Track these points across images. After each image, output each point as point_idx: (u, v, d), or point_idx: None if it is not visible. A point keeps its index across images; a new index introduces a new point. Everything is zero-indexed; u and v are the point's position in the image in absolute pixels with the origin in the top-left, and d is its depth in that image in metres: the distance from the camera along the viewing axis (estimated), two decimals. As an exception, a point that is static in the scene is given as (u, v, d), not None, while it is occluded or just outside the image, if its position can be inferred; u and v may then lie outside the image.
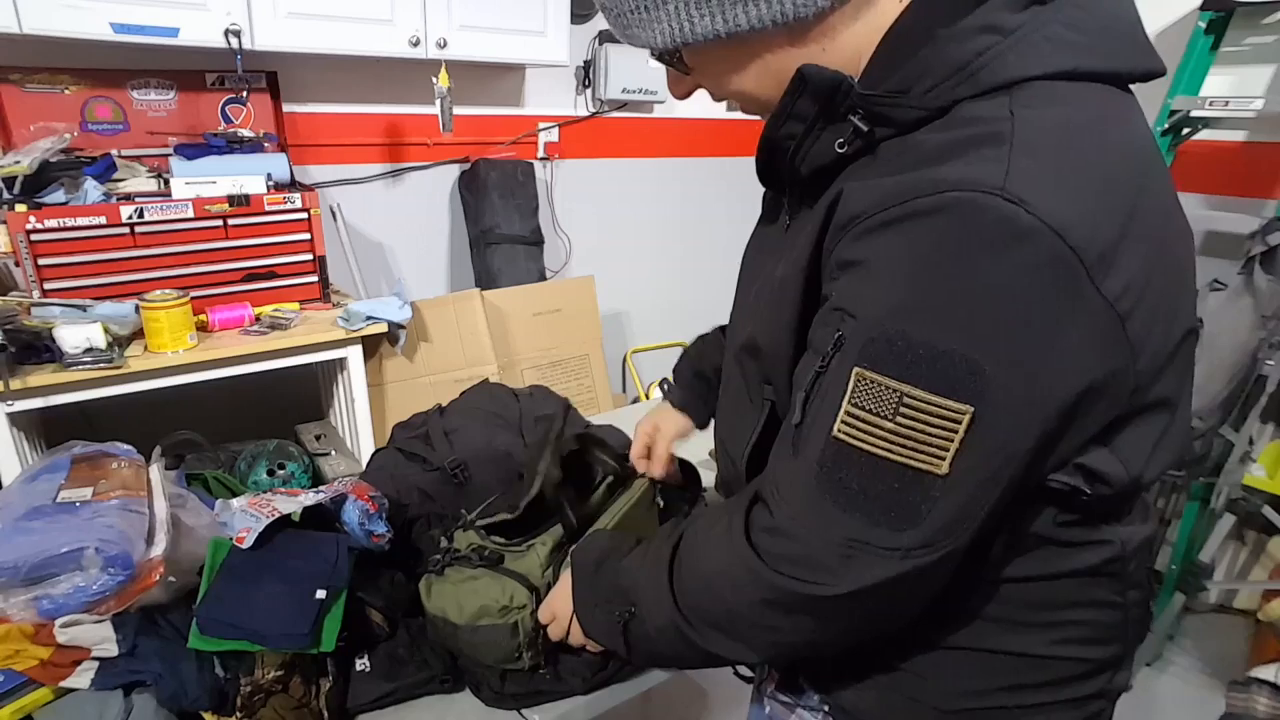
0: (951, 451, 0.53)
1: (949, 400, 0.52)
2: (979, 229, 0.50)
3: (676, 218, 3.45)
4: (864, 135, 0.58)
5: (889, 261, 0.53)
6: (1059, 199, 0.50)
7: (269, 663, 0.98)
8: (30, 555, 0.93)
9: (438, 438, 1.45)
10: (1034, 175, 0.50)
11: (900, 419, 0.53)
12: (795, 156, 0.63)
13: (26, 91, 2.00)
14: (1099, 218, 0.51)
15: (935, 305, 0.51)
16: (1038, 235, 0.49)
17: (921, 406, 0.52)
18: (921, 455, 0.53)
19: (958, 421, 0.52)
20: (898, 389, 0.53)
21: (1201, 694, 2.25)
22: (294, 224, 2.05)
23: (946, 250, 0.51)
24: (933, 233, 0.51)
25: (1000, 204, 0.49)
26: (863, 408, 0.54)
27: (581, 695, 1.07)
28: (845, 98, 0.57)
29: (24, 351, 1.66)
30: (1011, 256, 0.49)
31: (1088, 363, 0.53)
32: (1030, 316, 0.50)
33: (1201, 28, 2.34)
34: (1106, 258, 0.51)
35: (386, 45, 2.19)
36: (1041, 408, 0.53)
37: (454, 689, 1.07)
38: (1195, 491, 2.25)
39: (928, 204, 0.51)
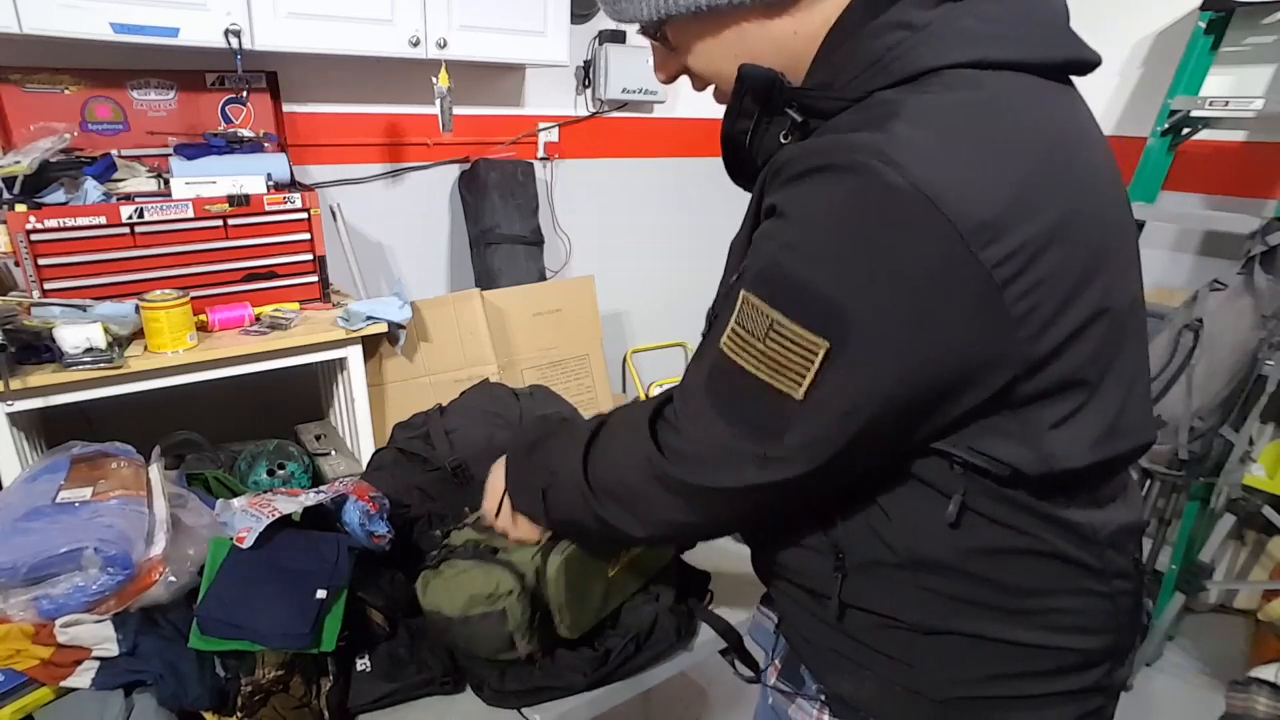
0: (808, 379, 0.58)
1: (808, 332, 0.57)
2: (859, 188, 0.55)
3: (676, 217, 3.45)
4: (800, 126, 0.65)
5: (789, 204, 0.59)
6: (936, 166, 0.54)
7: (269, 662, 0.98)
8: (30, 555, 0.93)
9: (438, 438, 1.45)
10: (915, 144, 0.54)
11: (769, 342, 0.59)
12: (752, 148, 0.69)
13: (26, 91, 2.00)
14: (981, 187, 0.54)
15: (811, 247, 0.57)
16: (910, 198, 0.53)
17: (787, 334, 0.58)
18: (782, 378, 0.59)
19: (814, 353, 0.57)
20: (770, 315, 0.59)
21: (1201, 694, 2.25)
22: (294, 224, 2.05)
23: (831, 202, 0.56)
24: (824, 187, 0.57)
25: (880, 167, 0.54)
26: (743, 326, 0.61)
27: (582, 693, 1.07)
28: (780, 93, 0.64)
29: (24, 351, 1.66)
30: (885, 215, 0.54)
31: (954, 323, 0.56)
32: (897, 272, 0.55)
33: (1201, 28, 2.35)
34: (987, 225, 0.54)
35: (386, 45, 2.19)
36: (896, 357, 0.57)
37: (455, 690, 1.08)
38: (1195, 491, 2.26)
39: (823, 161, 0.57)
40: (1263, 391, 2.04)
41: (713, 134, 2.71)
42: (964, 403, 0.59)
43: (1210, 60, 2.41)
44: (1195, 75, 2.40)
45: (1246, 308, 2.05)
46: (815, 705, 0.80)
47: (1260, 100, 2.22)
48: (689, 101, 3.23)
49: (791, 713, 0.83)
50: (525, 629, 1.01)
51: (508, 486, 0.94)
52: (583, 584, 1.06)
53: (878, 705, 0.75)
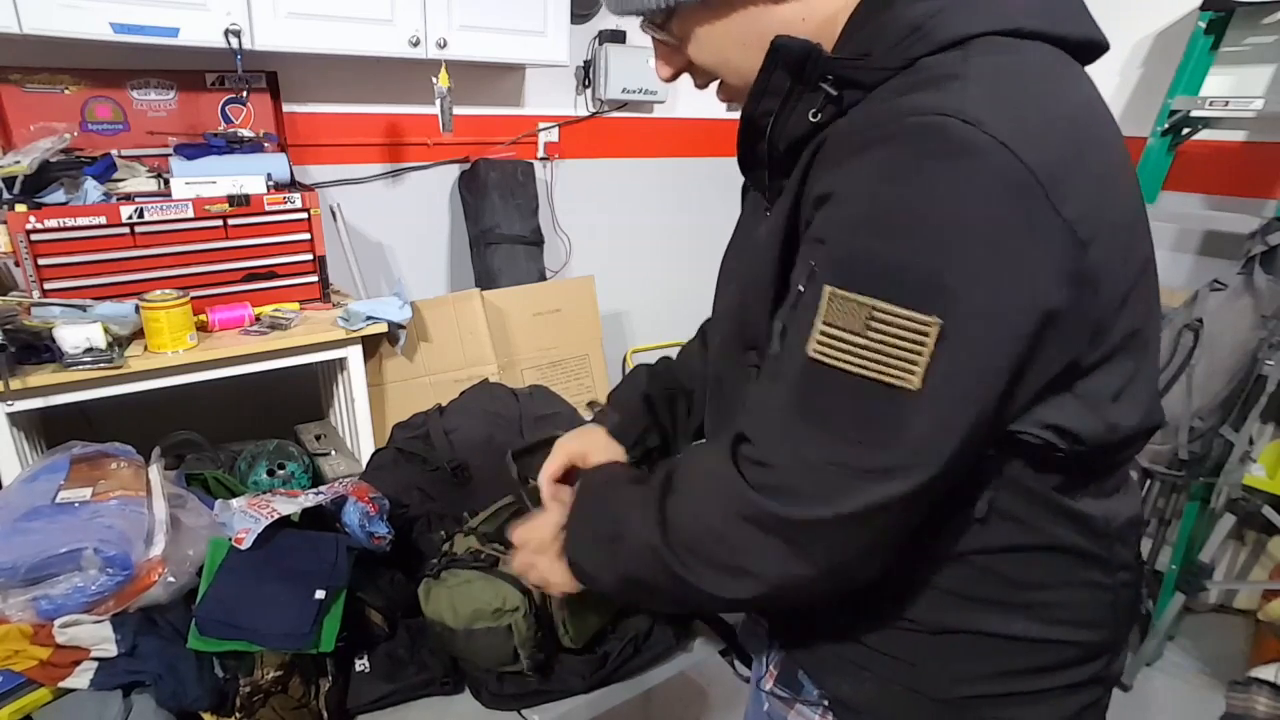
0: (923, 365, 0.53)
1: (916, 312, 0.53)
2: (936, 147, 0.52)
3: (676, 217, 3.44)
4: (834, 100, 0.61)
5: (854, 184, 0.55)
6: (1012, 121, 0.52)
7: (268, 663, 0.98)
8: (29, 556, 0.93)
9: (438, 438, 1.45)
10: (987, 101, 0.53)
11: (871, 334, 0.54)
12: (772, 133, 0.65)
13: (26, 91, 2.00)
14: (1052, 143, 0.53)
15: (897, 220, 0.53)
16: (993, 152, 0.51)
17: (890, 320, 0.53)
18: (893, 370, 0.54)
19: (925, 334, 0.53)
20: (866, 303, 0.54)
21: (1201, 694, 2.25)
22: (294, 224, 2.05)
23: (906, 168, 0.53)
24: (893, 154, 0.54)
25: (956, 124, 0.51)
26: (835, 325, 0.55)
27: (582, 695, 1.07)
28: (815, 64, 0.60)
29: (24, 351, 1.66)
30: (968, 172, 0.52)
31: (1050, 282, 0.54)
32: (990, 230, 0.52)
33: (1201, 28, 2.34)
34: (1062, 181, 0.53)
35: (386, 45, 2.19)
36: (1009, 323, 0.54)
37: (454, 690, 1.07)
38: (1195, 491, 2.25)
39: (889, 130, 0.54)
40: (1263, 391, 2.04)
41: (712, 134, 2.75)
42: (1052, 369, 0.57)
43: (1210, 60, 2.41)
44: (1195, 75, 2.40)
45: (1246, 308, 2.04)
46: (818, 711, 0.79)
47: (1260, 100, 2.22)
48: (689, 101, 3.23)
49: (791, 718, 0.83)
50: (530, 644, 1.01)
51: (571, 525, 0.81)
52: (589, 598, 1.06)
53: (879, 706, 0.74)
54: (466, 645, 1.02)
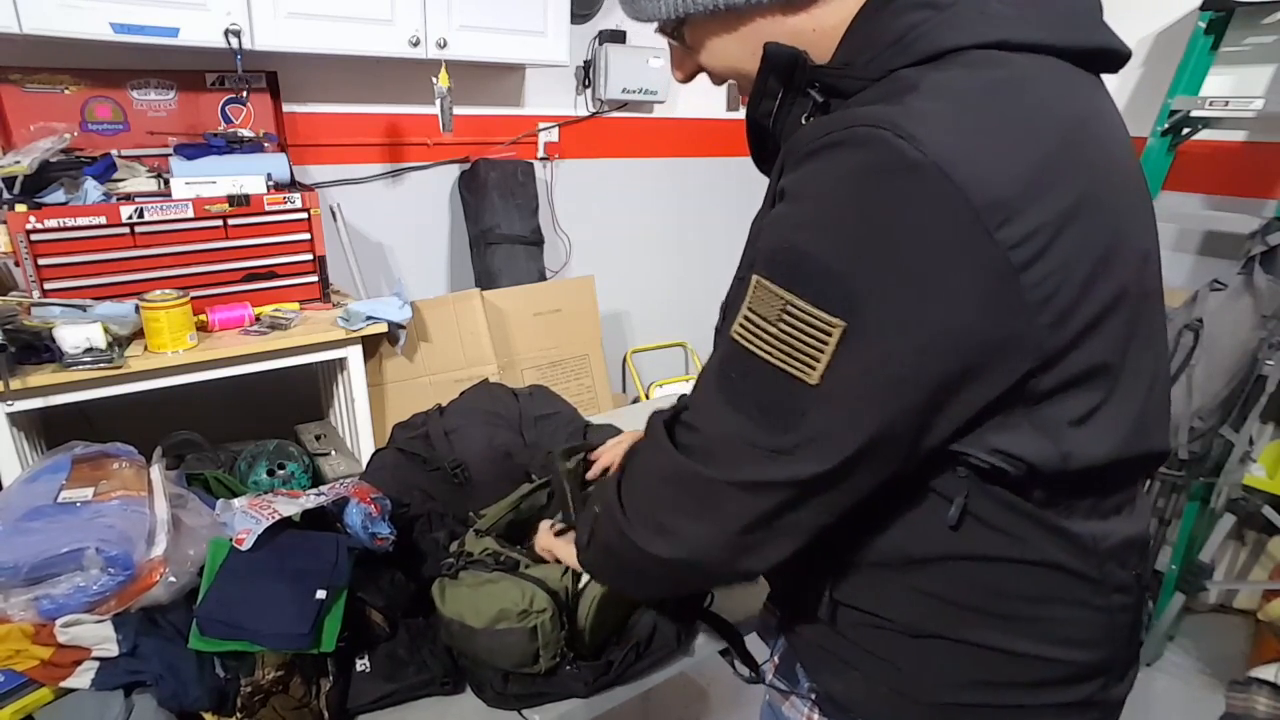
0: (823, 363, 0.56)
1: (822, 312, 0.55)
2: (869, 158, 0.54)
3: (676, 218, 3.45)
4: (821, 107, 0.64)
5: (799, 184, 0.58)
6: (951, 141, 0.53)
7: (269, 663, 0.98)
8: (31, 555, 0.93)
9: (438, 438, 1.45)
10: (930, 117, 0.53)
11: (782, 325, 0.57)
12: (774, 132, 0.68)
13: (26, 91, 2.00)
14: (998, 165, 0.53)
15: (825, 224, 0.56)
16: (923, 170, 0.52)
17: (800, 315, 0.56)
18: (796, 362, 0.57)
19: (828, 334, 0.55)
20: (783, 296, 0.57)
21: (1201, 694, 2.25)
22: (294, 224, 2.05)
23: (842, 177, 0.55)
24: (835, 161, 0.56)
25: (891, 138, 0.52)
26: (755, 312, 0.59)
27: (582, 698, 1.07)
28: (802, 71, 0.64)
29: (24, 351, 1.66)
30: (897, 188, 0.53)
31: (971, 303, 0.54)
32: (907, 246, 0.53)
33: (1201, 28, 2.35)
34: (1003, 204, 0.53)
35: (386, 45, 2.19)
36: (914, 337, 0.55)
37: (454, 690, 1.07)
38: (1195, 491, 2.25)
39: (836, 137, 0.56)
40: (1263, 391, 2.04)
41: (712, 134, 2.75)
42: (982, 394, 0.57)
43: (1210, 60, 2.41)
44: (1195, 75, 2.40)
45: (1246, 308, 2.04)
46: (806, 704, 0.80)
47: (1260, 100, 2.22)
48: (689, 101, 3.23)
49: (786, 710, 0.84)
50: (553, 646, 1.02)
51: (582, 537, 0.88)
52: (611, 604, 1.06)
53: (865, 705, 0.75)
54: (487, 644, 1.02)
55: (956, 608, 0.68)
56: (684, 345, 3.61)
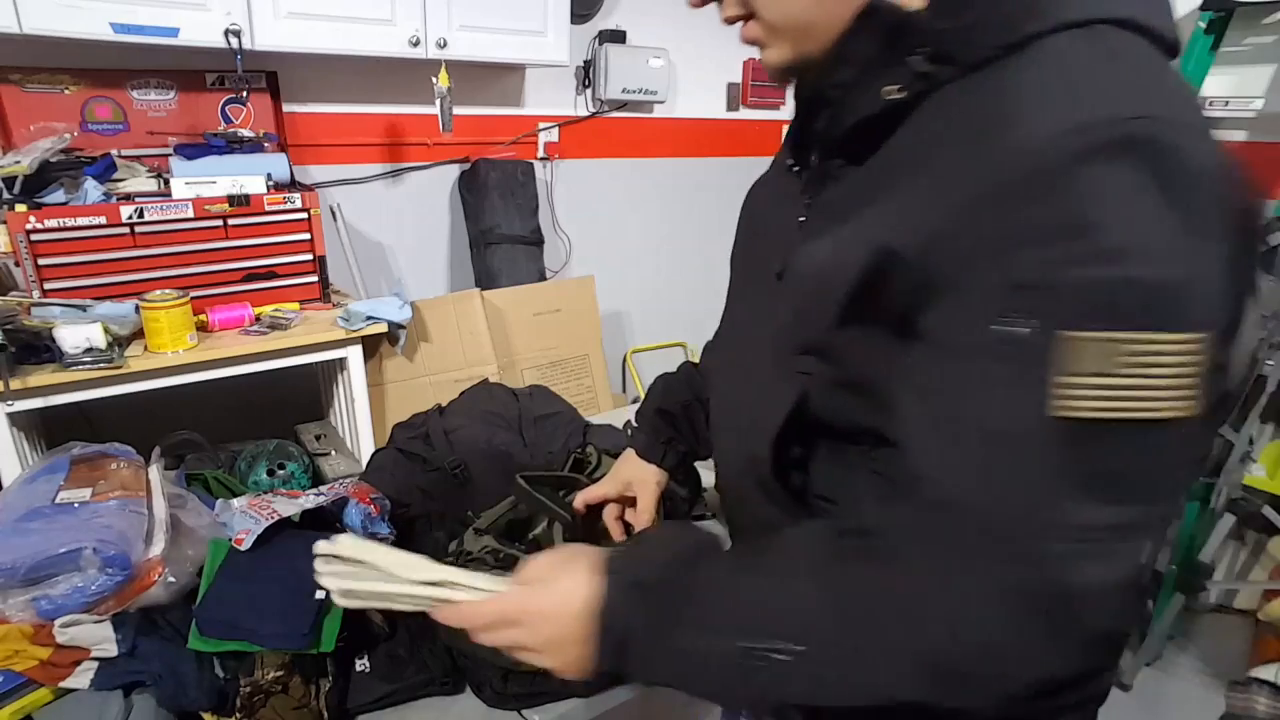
0: (1196, 385, 0.47)
1: (1182, 333, 0.47)
2: (1137, 154, 0.47)
3: (677, 217, 3.44)
4: (923, 78, 0.54)
5: (1053, 216, 0.48)
6: (1201, 118, 0.50)
7: (269, 663, 0.98)
8: (29, 556, 0.93)
9: (438, 438, 1.45)
10: (1165, 98, 0.49)
11: (1132, 372, 0.47)
12: (840, 108, 0.59)
13: (26, 91, 2.00)
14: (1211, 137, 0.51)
15: (1147, 243, 0.47)
16: (1208, 160, 0.49)
17: (1155, 351, 0.47)
18: (1163, 402, 0.47)
19: (1197, 353, 0.47)
20: (1124, 339, 0.47)
21: (1201, 694, 2.25)
22: (294, 224, 2.05)
23: (1144, 190, 0.47)
24: (1119, 174, 0.47)
25: (1152, 124, 0.47)
26: (1078, 374, 0.47)
27: (582, 698, 1.07)
28: (914, 34, 0.54)
29: (24, 351, 1.66)
30: (1199, 185, 0.48)
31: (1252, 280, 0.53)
32: (1219, 237, 0.48)
33: (1201, 28, 2.34)
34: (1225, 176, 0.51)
35: (386, 45, 2.19)
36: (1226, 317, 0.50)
37: (454, 690, 1.07)
38: (1195, 491, 2.25)
39: (1078, 146, 0.47)
40: (1262, 391, 2.04)
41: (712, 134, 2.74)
42: None
43: (1210, 60, 2.41)
44: (1195, 75, 2.40)
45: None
46: None
47: (1260, 100, 2.22)
48: (689, 102, 3.23)
49: None
50: None
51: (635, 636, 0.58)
52: None
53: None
54: None
55: None
56: (684, 345, 3.61)
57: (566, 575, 0.62)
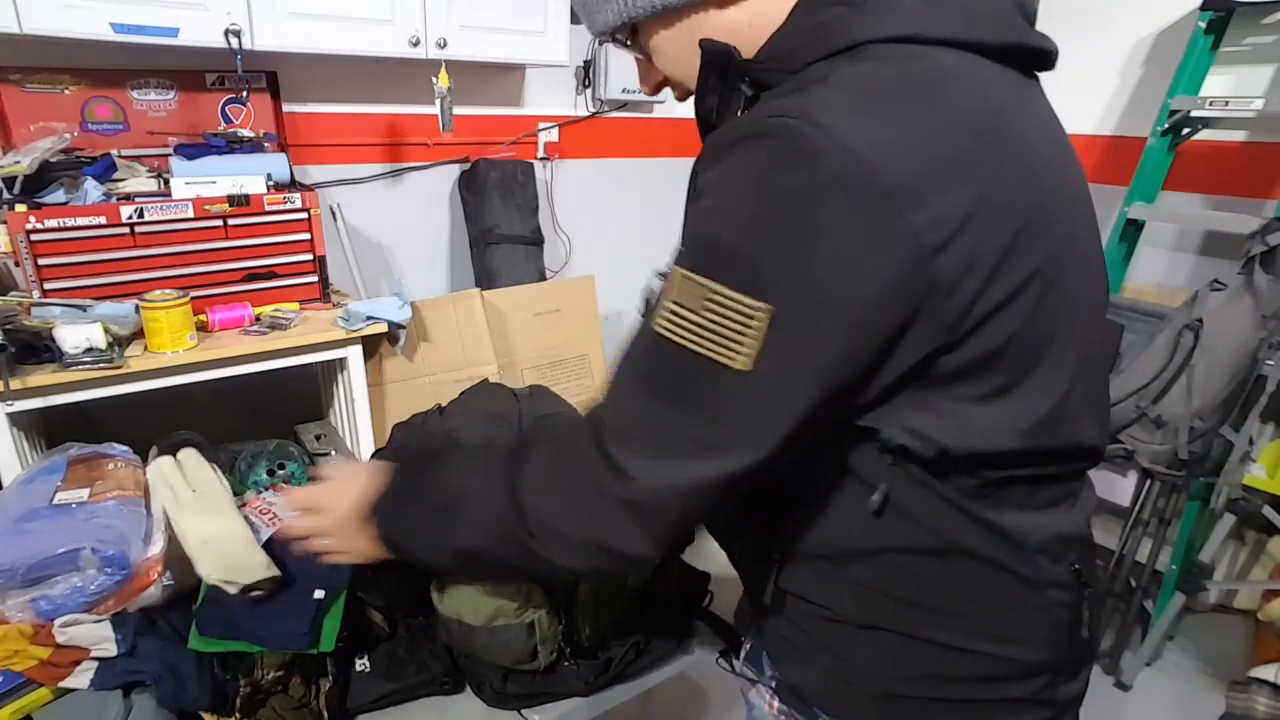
0: (751, 348, 0.57)
1: (748, 298, 0.56)
2: (780, 148, 0.55)
3: (677, 218, 3.42)
4: (751, 101, 0.65)
5: (712, 180, 0.60)
6: (857, 129, 0.54)
7: (269, 663, 0.98)
8: (27, 556, 0.93)
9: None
10: (835, 107, 0.55)
11: (707, 314, 0.58)
12: (717, 128, 0.68)
13: (26, 91, 2.00)
14: (903, 151, 0.55)
15: (740, 212, 0.57)
16: (830, 155, 0.53)
17: (724, 302, 0.57)
18: (723, 349, 0.57)
19: (753, 318, 0.56)
20: (705, 284, 0.57)
21: (1201, 694, 2.25)
22: (294, 224, 2.05)
23: (754, 166, 0.57)
24: (745, 154, 0.58)
25: (799, 126, 0.54)
26: (678, 303, 0.59)
27: (582, 696, 1.07)
28: (734, 66, 0.65)
29: (24, 351, 1.65)
30: (806, 172, 0.54)
31: (886, 282, 0.55)
32: (822, 228, 0.54)
33: (1201, 28, 2.35)
34: (910, 189, 0.54)
35: (386, 45, 2.19)
36: (837, 315, 0.56)
37: (454, 690, 1.08)
38: (1195, 491, 2.25)
39: (747, 130, 0.58)
40: (1263, 391, 2.04)
41: (712, 134, 2.62)
42: (893, 369, 0.59)
43: (1210, 60, 2.41)
44: (1195, 75, 2.40)
45: (1246, 308, 2.04)
46: (769, 692, 0.82)
47: (1260, 100, 2.22)
48: (689, 101, 3.22)
49: (752, 697, 0.86)
50: (551, 642, 1.02)
51: (382, 497, 0.81)
52: (607, 595, 1.06)
53: (820, 695, 0.76)
54: (485, 642, 1.02)
55: (893, 600, 0.69)
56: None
57: (355, 480, 0.85)
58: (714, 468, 0.60)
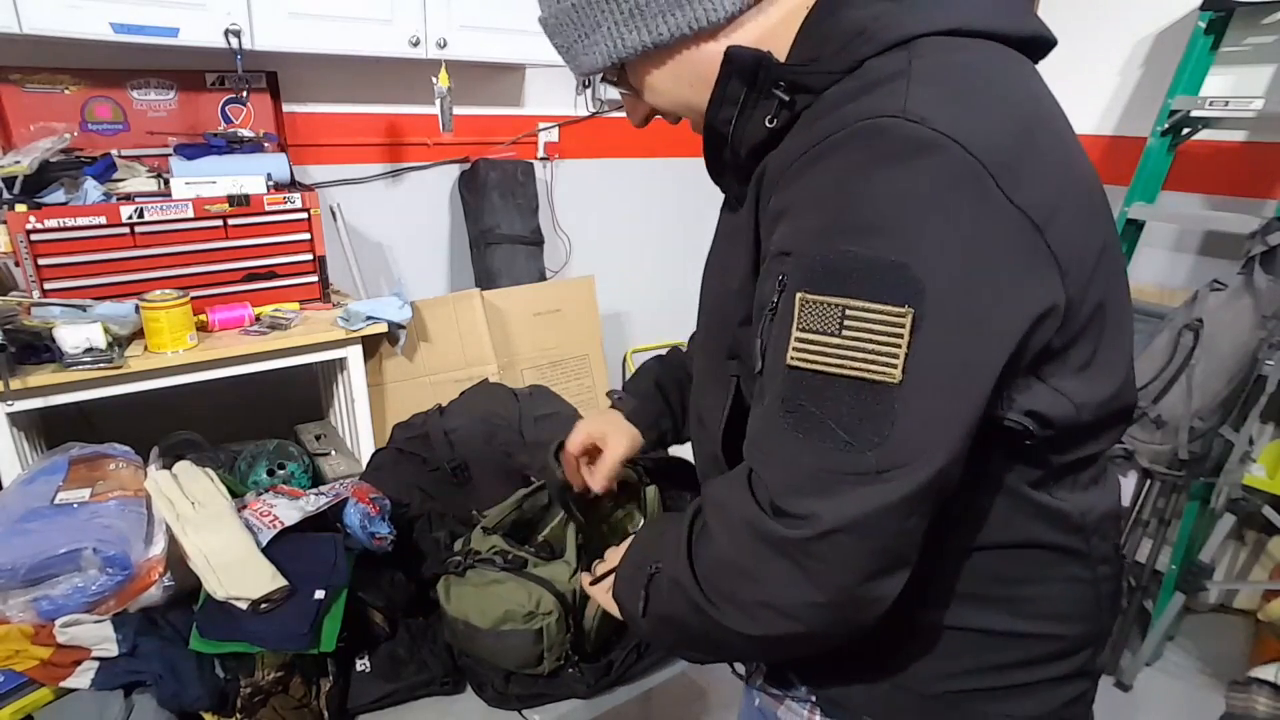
0: (901, 356, 0.54)
1: (887, 305, 0.53)
2: (886, 147, 0.54)
3: (676, 218, 3.45)
4: (788, 106, 0.63)
5: (809, 193, 0.58)
6: (956, 115, 0.54)
7: (269, 664, 0.98)
8: (28, 557, 0.93)
9: (438, 438, 1.45)
10: (930, 98, 0.55)
11: (846, 333, 0.55)
12: (734, 140, 0.68)
13: (26, 91, 2.00)
14: (999, 134, 0.55)
15: (854, 218, 0.55)
16: (940, 146, 0.53)
17: (864, 316, 0.54)
18: (874, 366, 0.54)
19: (900, 325, 0.53)
20: (838, 303, 0.55)
21: (1201, 694, 2.25)
22: (294, 224, 2.05)
23: (860, 170, 0.55)
24: (843, 159, 0.56)
25: (901, 123, 0.54)
26: (810, 329, 0.56)
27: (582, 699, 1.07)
28: (767, 71, 0.63)
29: (24, 351, 1.66)
30: (918, 166, 0.53)
31: (1014, 267, 0.55)
32: (945, 218, 0.53)
33: (1201, 28, 2.34)
34: (1013, 169, 0.54)
35: (386, 45, 2.19)
36: (980, 308, 0.55)
37: (454, 690, 1.08)
38: (1195, 491, 2.25)
39: (837, 138, 0.56)
40: (1263, 391, 2.04)
41: (713, 134, 2.62)
42: (1031, 352, 0.58)
43: (1210, 60, 2.41)
44: (1195, 75, 2.40)
45: (1246, 308, 2.04)
46: (805, 706, 0.80)
47: (1260, 100, 2.22)
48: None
49: (781, 714, 0.83)
50: (558, 648, 1.02)
51: (618, 569, 0.83)
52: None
53: (866, 703, 0.75)
54: (491, 645, 1.02)
55: (958, 597, 0.68)
56: (683, 345, 3.60)
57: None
58: (889, 492, 0.55)
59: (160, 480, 1.08)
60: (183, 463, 1.13)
